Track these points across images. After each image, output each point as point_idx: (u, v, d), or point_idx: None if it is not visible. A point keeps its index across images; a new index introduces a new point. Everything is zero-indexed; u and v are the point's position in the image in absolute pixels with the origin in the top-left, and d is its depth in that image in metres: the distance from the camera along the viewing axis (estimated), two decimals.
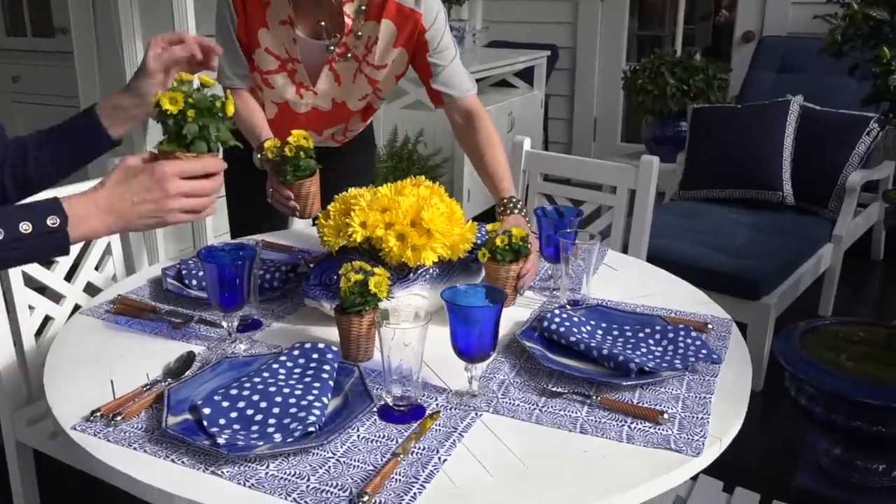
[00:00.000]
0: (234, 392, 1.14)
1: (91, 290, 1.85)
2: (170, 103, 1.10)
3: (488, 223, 1.54)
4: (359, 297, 1.23)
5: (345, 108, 1.87)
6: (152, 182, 1.08)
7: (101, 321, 1.43)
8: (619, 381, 1.19)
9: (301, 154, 1.54)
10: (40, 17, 4.36)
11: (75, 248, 1.83)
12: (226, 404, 1.11)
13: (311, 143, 1.56)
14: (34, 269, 1.74)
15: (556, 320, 1.34)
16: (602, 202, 2.15)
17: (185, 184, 1.10)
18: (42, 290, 1.78)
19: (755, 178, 3.34)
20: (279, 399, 1.12)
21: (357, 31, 1.72)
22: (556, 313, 1.36)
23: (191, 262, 1.60)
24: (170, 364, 1.27)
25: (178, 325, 1.40)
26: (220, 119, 1.13)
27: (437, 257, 1.35)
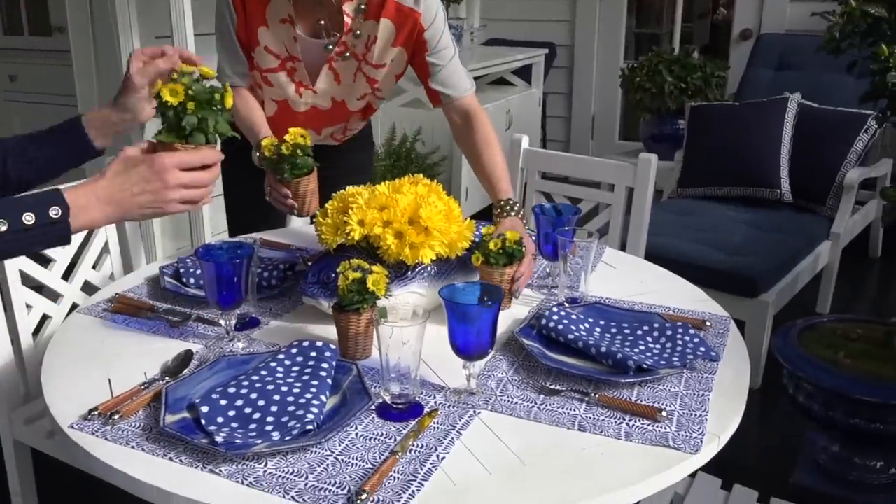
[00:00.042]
0: (232, 390, 1.14)
1: (89, 288, 1.85)
2: (170, 95, 1.11)
3: (486, 226, 1.53)
4: (357, 295, 1.23)
5: (344, 107, 1.87)
6: (152, 173, 1.09)
7: (99, 320, 1.43)
8: (617, 378, 1.19)
9: (298, 152, 1.53)
10: (37, 16, 4.35)
11: (73, 247, 1.83)
12: (224, 402, 1.11)
13: (309, 141, 1.55)
14: (32, 268, 1.74)
15: (555, 318, 1.34)
16: (600, 200, 2.15)
17: (183, 175, 1.11)
18: (39, 288, 1.77)
19: (753, 176, 3.34)
20: (277, 397, 1.12)
21: (356, 29, 1.71)
22: (555, 311, 1.36)
23: (189, 260, 1.60)
24: (167, 362, 1.26)
25: (176, 323, 1.40)
26: (219, 111, 1.14)
27: (436, 255, 1.35)
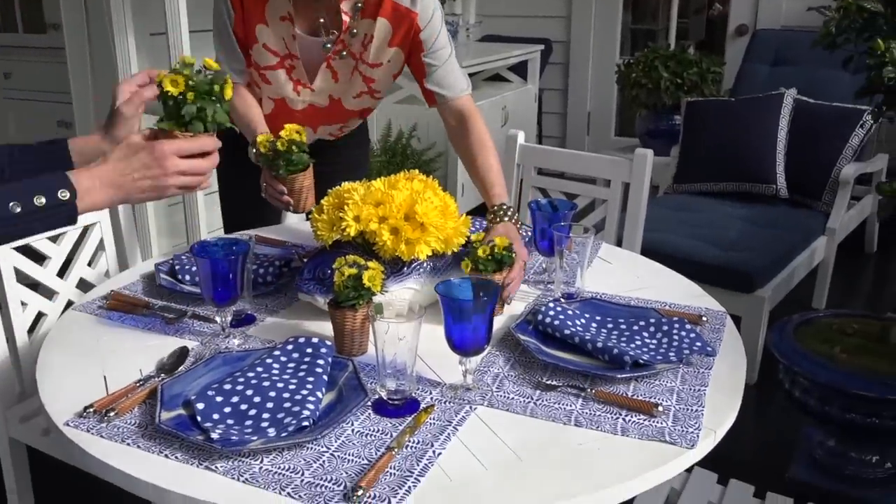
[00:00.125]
0: (227, 387, 1.13)
1: (84, 285, 1.85)
2: (171, 85, 1.16)
3: (479, 232, 1.52)
4: (353, 291, 1.23)
5: (340, 105, 1.86)
6: (152, 160, 1.14)
7: (94, 317, 1.43)
8: (613, 373, 1.19)
9: (293, 148, 1.53)
10: (31, 13, 4.33)
11: (68, 244, 1.82)
12: (219, 399, 1.11)
13: (305, 137, 1.55)
14: (27, 266, 1.73)
15: (551, 313, 1.34)
16: (596, 196, 2.15)
17: (182, 162, 1.16)
18: (34, 286, 1.77)
19: (749, 172, 3.34)
20: (273, 394, 1.12)
21: (353, 28, 1.71)
22: (551, 306, 1.36)
23: (184, 257, 1.60)
24: (163, 359, 1.26)
25: (172, 320, 1.40)
26: (217, 102, 1.18)
27: (431, 251, 1.35)
